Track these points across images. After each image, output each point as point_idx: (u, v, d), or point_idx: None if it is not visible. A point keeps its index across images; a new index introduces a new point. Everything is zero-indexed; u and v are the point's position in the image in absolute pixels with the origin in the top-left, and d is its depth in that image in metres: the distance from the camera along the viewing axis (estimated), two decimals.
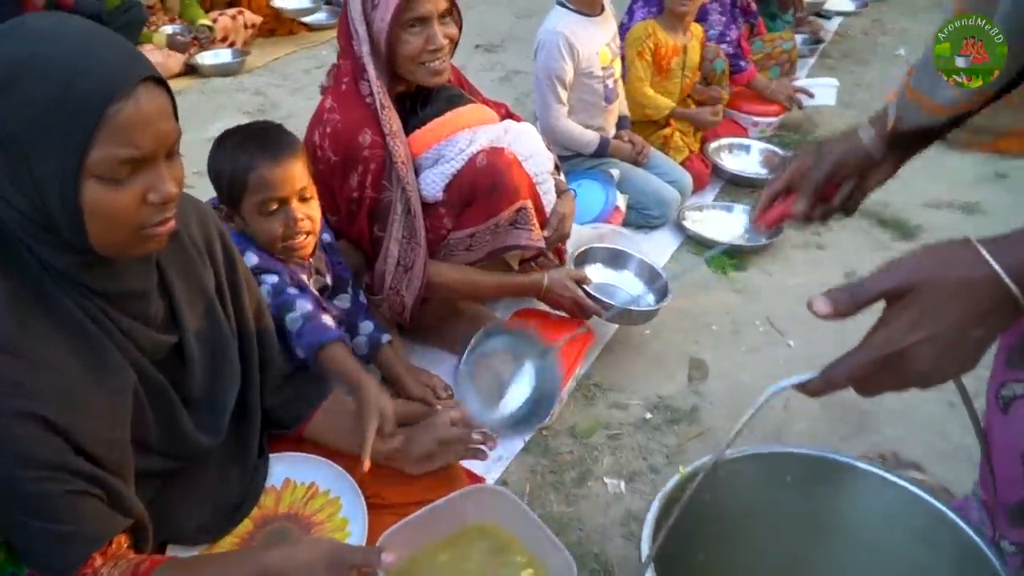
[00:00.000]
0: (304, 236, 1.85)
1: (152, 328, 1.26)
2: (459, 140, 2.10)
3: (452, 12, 2.12)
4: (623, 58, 3.21)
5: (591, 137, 3.05)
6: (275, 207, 1.79)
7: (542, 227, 2.32)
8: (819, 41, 5.23)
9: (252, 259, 1.81)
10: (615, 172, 3.06)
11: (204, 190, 1.87)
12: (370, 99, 2.06)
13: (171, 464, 1.37)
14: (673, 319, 2.58)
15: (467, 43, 5.44)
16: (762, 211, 1.37)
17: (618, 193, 3.02)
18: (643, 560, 1.02)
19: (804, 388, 0.88)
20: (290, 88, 4.49)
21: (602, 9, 3.01)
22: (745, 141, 3.68)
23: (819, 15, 5.66)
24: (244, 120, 1.95)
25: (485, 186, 2.09)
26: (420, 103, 2.17)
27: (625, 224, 3.07)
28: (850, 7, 5.97)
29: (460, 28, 2.15)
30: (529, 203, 2.15)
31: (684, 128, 3.45)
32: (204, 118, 3.96)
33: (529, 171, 2.24)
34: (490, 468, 1.96)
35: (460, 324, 2.42)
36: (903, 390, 0.83)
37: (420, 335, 2.46)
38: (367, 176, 2.05)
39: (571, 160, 3.11)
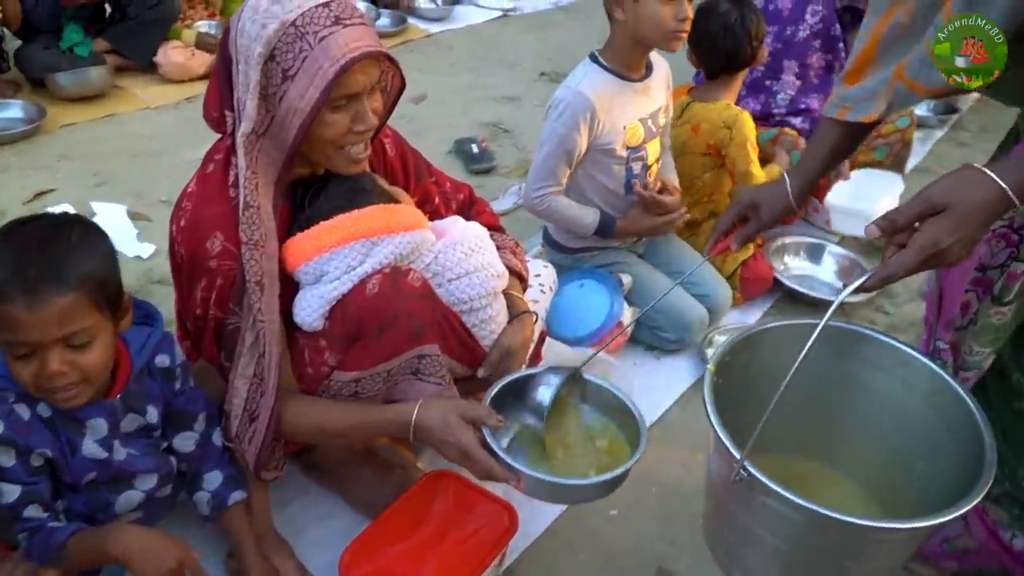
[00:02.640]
0: (69, 391, 1.32)
1: None
2: (347, 254, 1.53)
3: (383, 78, 1.56)
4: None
5: (586, 217, 2.36)
6: (25, 352, 1.28)
7: (476, 365, 1.74)
8: (953, 110, 4.37)
9: None
10: (626, 279, 2.41)
11: None
12: (233, 192, 1.52)
13: None
14: (648, 498, 1.93)
15: (530, 69, 4.89)
16: (712, 246, 1.68)
17: (625, 305, 2.37)
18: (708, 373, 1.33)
19: (865, 286, 1.20)
20: None
21: (646, 74, 2.34)
22: (817, 241, 2.94)
23: None
24: None
25: (374, 323, 1.52)
26: (311, 195, 1.61)
27: (634, 341, 2.43)
28: None
29: (402, 83, 1.64)
30: (435, 348, 1.56)
31: None
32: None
33: (456, 296, 1.65)
34: None
35: (366, 471, 1.85)
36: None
37: (325, 478, 1.91)
38: (211, 292, 1.52)
39: (578, 253, 2.48)
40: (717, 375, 1.34)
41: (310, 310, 1.54)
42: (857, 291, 1.20)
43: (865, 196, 2.61)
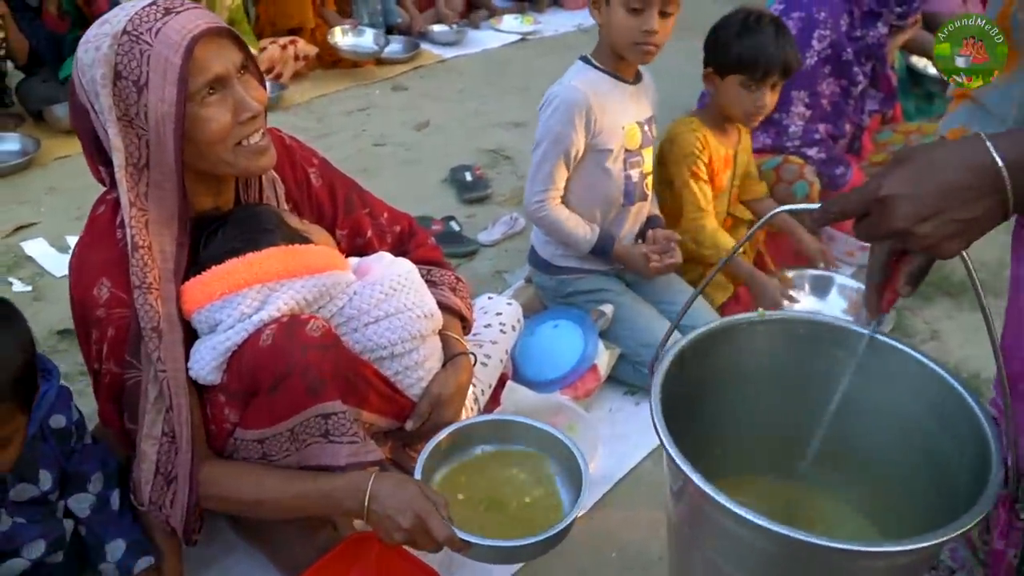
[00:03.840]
0: None
1: None
2: (241, 301, 1.39)
3: (250, 64, 1.43)
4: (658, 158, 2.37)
5: (584, 233, 2.21)
6: None
7: (404, 416, 1.59)
8: None
9: None
10: (607, 309, 2.23)
11: None
12: (120, 233, 1.40)
13: None
14: (607, 566, 1.75)
15: (540, 94, 4.42)
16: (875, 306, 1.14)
17: (601, 345, 2.19)
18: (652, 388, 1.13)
19: (809, 215, 1.01)
20: (317, 132, 3.91)
21: (637, 79, 2.22)
22: (825, 273, 2.71)
23: None
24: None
25: (267, 378, 1.37)
26: (209, 235, 1.48)
27: (613, 382, 2.24)
28: None
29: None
30: (338, 405, 1.41)
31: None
32: None
33: (375, 342, 1.51)
34: None
35: (291, 529, 1.70)
36: (886, 241, 0.98)
37: (250, 535, 1.77)
38: (103, 344, 1.39)
39: (563, 274, 2.31)
40: (664, 385, 1.17)
41: (204, 362, 1.40)
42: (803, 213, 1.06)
43: None
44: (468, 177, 3.38)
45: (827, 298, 2.64)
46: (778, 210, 1.08)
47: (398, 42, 5.02)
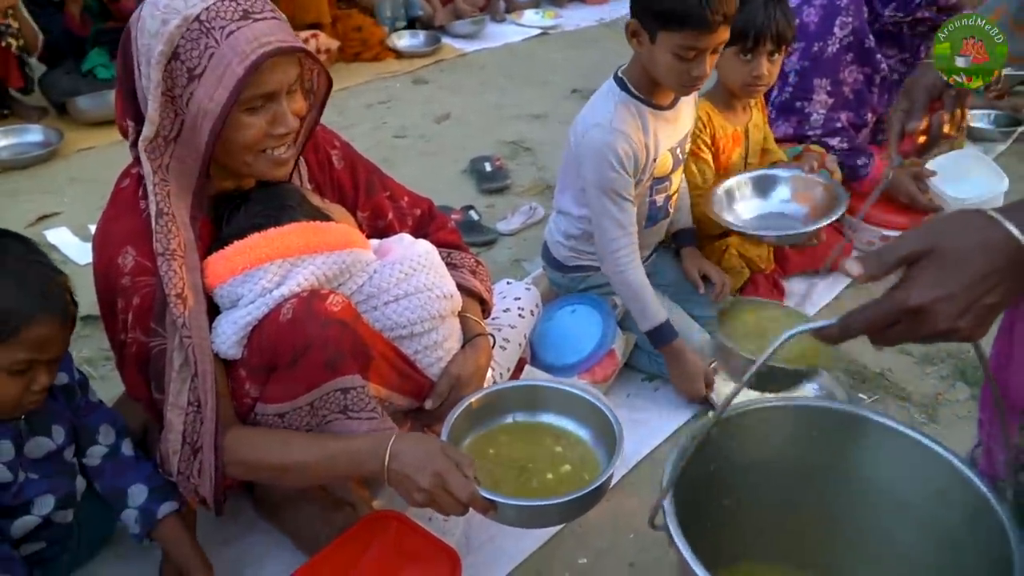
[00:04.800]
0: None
1: None
2: (262, 276, 1.40)
3: (302, 78, 1.44)
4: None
5: (655, 312, 2.06)
6: (21, 368, 1.36)
7: (422, 396, 1.59)
8: (1019, 123, 4.03)
9: None
10: (619, 300, 2.22)
11: None
12: (144, 204, 1.41)
13: None
14: (624, 545, 1.74)
15: (561, 86, 4.60)
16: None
17: (619, 332, 2.19)
18: (663, 486, 1.08)
19: (821, 333, 0.94)
20: (338, 125, 3.91)
21: (675, 102, 2.10)
22: (769, 172, 2.45)
23: None
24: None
25: (287, 352, 1.38)
26: (231, 211, 1.49)
27: (630, 368, 2.24)
28: None
29: (329, 83, 1.52)
30: (358, 380, 1.41)
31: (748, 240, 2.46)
32: None
33: (394, 320, 1.52)
34: None
35: (312, 508, 1.71)
36: (916, 342, 0.91)
37: (270, 513, 1.78)
38: (128, 314, 1.41)
39: (575, 272, 2.31)
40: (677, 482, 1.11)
41: (224, 337, 1.41)
42: (815, 334, 0.95)
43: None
44: (488, 168, 3.38)
45: (771, 195, 2.45)
46: (788, 333, 0.95)
47: (420, 35, 5.04)
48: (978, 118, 3.83)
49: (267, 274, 1.40)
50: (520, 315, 2.05)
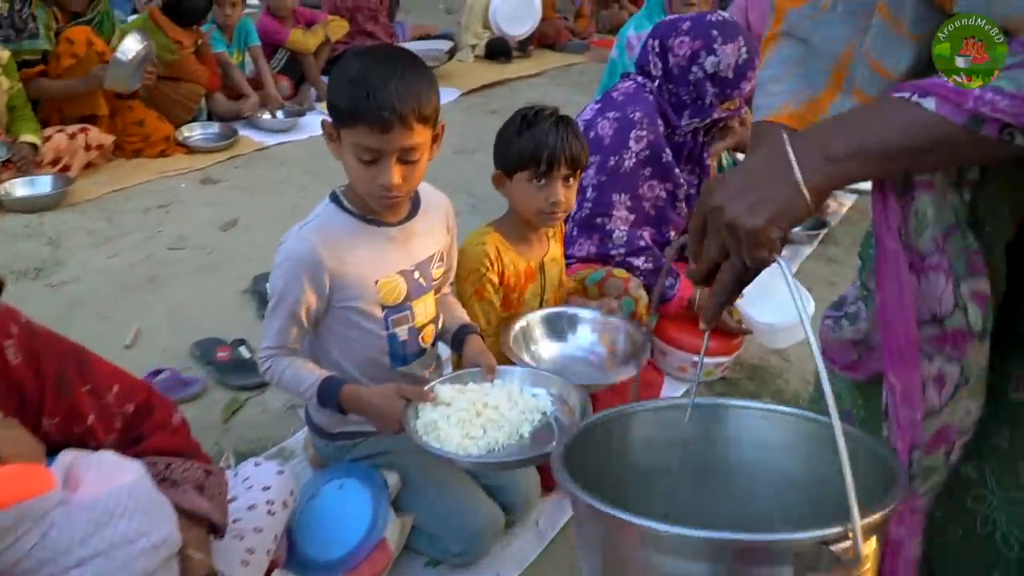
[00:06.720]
0: None
1: None
2: None
3: None
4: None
5: (307, 381, 1.78)
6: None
7: None
8: (822, 225, 4.02)
9: None
10: (392, 478, 1.88)
11: None
12: None
13: None
14: None
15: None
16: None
17: (392, 515, 1.84)
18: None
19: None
20: (104, 235, 3.43)
21: (409, 216, 1.84)
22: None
23: None
24: None
25: None
26: None
27: (410, 552, 1.90)
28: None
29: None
30: None
31: None
32: None
33: None
34: None
35: None
36: (725, 256, 1.05)
37: None
38: None
39: (338, 440, 1.96)
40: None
41: None
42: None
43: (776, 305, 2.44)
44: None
45: (569, 337, 2.26)
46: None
47: (212, 127, 4.62)
48: None
49: None
50: (269, 511, 1.68)
